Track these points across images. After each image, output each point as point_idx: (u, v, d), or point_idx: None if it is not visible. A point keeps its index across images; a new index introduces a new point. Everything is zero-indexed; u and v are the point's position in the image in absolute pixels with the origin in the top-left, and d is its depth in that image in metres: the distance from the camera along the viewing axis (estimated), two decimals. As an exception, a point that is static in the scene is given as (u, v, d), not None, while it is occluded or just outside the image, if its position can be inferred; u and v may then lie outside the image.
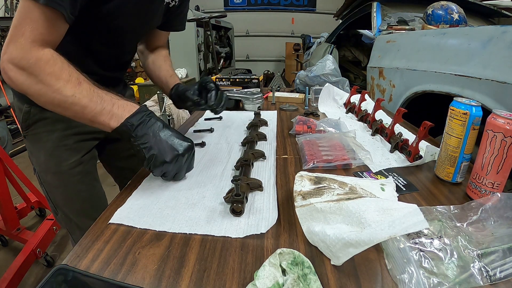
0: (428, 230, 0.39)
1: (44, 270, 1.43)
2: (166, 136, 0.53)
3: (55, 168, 0.71)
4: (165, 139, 0.53)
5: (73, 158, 0.72)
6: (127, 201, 0.51)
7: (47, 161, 0.71)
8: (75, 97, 0.49)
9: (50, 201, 0.76)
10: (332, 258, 0.37)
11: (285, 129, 0.90)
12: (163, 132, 0.54)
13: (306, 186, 0.47)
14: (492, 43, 0.95)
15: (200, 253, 0.39)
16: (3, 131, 2.54)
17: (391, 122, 0.74)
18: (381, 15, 1.97)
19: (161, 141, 0.53)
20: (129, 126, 0.52)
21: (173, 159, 0.53)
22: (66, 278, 0.32)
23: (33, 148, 0.72)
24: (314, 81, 1.35)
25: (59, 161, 0.71)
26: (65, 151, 0.71)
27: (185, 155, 0.54)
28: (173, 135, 0.54)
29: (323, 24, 5.47)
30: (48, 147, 0.70)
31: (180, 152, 0.53)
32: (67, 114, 0.52)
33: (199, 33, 3.99)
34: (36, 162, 0.73)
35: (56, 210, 0.76)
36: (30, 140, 0.72)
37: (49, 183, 0.73)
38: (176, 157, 0.53)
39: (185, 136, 0.56)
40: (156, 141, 0.52)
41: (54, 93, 0.49)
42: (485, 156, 0.48)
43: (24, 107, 0.68)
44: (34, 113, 0.68)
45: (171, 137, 0.54)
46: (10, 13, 3.72)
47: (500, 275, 0.34)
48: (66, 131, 0.71)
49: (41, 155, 0.71)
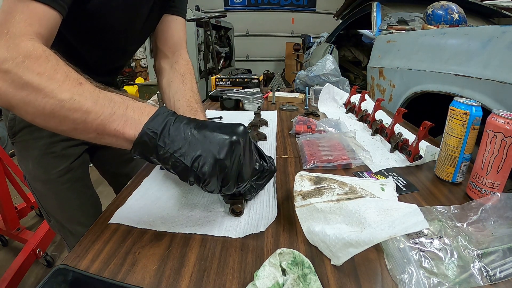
0: (428, 230, 0.39)
1: (44, 270, 1.43)
2: (206, 131, 0.38)
3: (44, 176, 0.68)
4: (207, 134, 0.38)
5: (61, 166, 0.69)
6: (127, 201, 0.51)
7: (35, 169, 0.68)
8: (74, 100, 0.37)
9: (43, 208, 0.74)
10: (332, 258, 0.37)
11: (285, 129, 0.90)
12: (200, 128, 0.39)
13: (306, 186, 0.47)
14: (492, 43, 0.95)
15: (200, 253, 0.39)
16: (3, 131, 2.54)
17: (391, 122, 0.74)
18: (381, 15, 1.97)
19: (202, 138, 0.38)
20: (152, 134, 0.37)
21: (229, 152, 0.37)
22: (66, 278, 0.32)
23: (21, 156, 0.70)
24: (314, 81, 1.35)
25: (47, 169, 0.68)
26: (53, 159, 0.68)
27: (240, 143, 0.38)
28: (215, 126, 0.39)
29: (323, 24, 5.47)
30: (36, 155, 0.67)
31: (234, 139, 0.37)
32: (64, 127, 0.38)
33: (199, 33, 3.99)
34: (25, 170, 0.70)
35: (49, 217, 0.74)
36: (17, 147, 0.69)
37: (39, 191, 0.71)
38: (231, 147, 0.37)
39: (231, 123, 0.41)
40: (195, 140, 0.37)
41: (45, 98, 0.36)
42: (485, 156, 0.48)
43: (10, 113, 0.65)
44: (20, 120, 0.65)
45: (214, 128, 0.39)
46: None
47: (500, 275, 0.34)
48: (52, 137, 0.67)
49: (29, 163, 0.68)
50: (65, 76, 0.38)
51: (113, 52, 0.69)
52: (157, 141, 0.37)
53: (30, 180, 0.71)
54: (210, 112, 1.11)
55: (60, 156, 0.69)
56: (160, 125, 0.38)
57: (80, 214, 0.72)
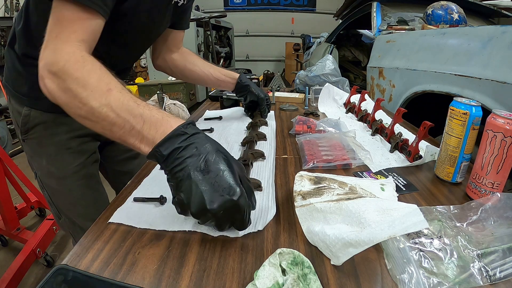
0: (428, 230, 0.39)
1: (44, 270, 1.43)
2: (202, 180, 0.37)
3: (59, 173, 0.69)
4: (199, 184, 0.37)
5: (77, 162, 0.70)
6: (127, 201, 0.51)
7: (49, 165, 0.69)
8: (102, 109, 0.41)
9: (53, 205, 0.74)
10: (332, 258, 0.37)
11: (285, 129, 0.90)
12: (201, 171, 0.38)
13: (306, 186, 0.47)
14: (492, 43, 0.95)
15: (200, 253, 0.39)
16: (3, 131, 2.54)
17: (391, 122, 0.74)
18: (381, 15, 1.97)
19: (191, 185, 0.37)
20: (159, 157, 0.39)
21: (200, 215, 0.38)
22: (66, 278, 0.32)
23: (33, 153, 0.70)
24: (314, 81, 1.35)
25: (63, 165, 0.69)
26: (69, 155, 0.69)
27: (216, 215, 0.37)
28: (211, 180, 0.37)
29: (323, 24, 5.47)
30: (51, 152, 0.68)
31: (207, 210, 0.37)
32: (98, 128, 0.43)
33: (199, 33, 3.99)
34: (38, 167, 0.70)
35: (60, 214, 0.74)
36: (30, 144, 0.69)
37: (52, 188, 0.71)
38: (205, 214, 0.38)
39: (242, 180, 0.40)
40: (188, 183, 0.37)
41: (80, 103, 0.42)
42: (485, 156, 0.48)
43: (24, 110, 0.66)
44: (35, 116, 0.66)
45: (206, 181, 0.37)
46: (10, 13, 3.72)
47: (500, 275, 0.34)
48: (69, 133, 0.68)
49: (42, 160, 0.69)
50: (98, 81, 0.42)
51: (130, 53, 0.72)
52: (162, 163, 0.40)
53: (42, 177, 0.71)
54: (210, 112, 1.11)
55: (76, 152, 0.71)
56: (169, 150, 0.39)
57: (93, 211, 0.73)
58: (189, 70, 0.89)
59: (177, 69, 0.89)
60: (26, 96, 0.65)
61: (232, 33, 5.61)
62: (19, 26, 0.60)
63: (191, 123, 0.42)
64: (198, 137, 0.40)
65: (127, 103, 0.41)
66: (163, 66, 0.89)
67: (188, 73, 0.90)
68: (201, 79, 0.92)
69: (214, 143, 0.41)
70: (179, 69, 0.89)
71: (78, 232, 0.74)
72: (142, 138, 0.41)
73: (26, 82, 0.64)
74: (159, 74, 3.97)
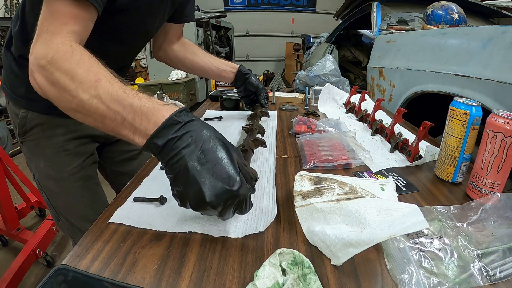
0: (428, 230, 0.39)
1: (44, 270, 1.43)
2: (200, 172, 0.35)
3: (56, 175, 0.69)
4: (197, 176, 0.35)
5: (74, 163, 0.70)
6: (127, 201, 0.51)
7: (47, 167, 0.68)
8: (92, 101, 0.39)
9: (52, 207, 0.74)
10: (332, 258, 0.37)
11: (285, 129, 0.90)
12: (198, 161, 0.36)
13: (306, 186, 0.47)
14: (492, 43, 0.95)
15: (200, 253, 0.39)
16: (3, 131, 2.54)
17: (391, 122, 0.74)
18: (381, 15, 1.97)
19: (189, 177, 0.35)
20: (154, 149, 0.38)
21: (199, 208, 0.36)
22: (66, 278, 0.32)
23: (31, 155, 0.69)
24: (314, 81, 1.35)
25: (60, 167, 0.68)
26: (66, 157, 0.69)
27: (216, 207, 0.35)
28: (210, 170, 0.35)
29: (323, 24, 5.47)
30: (48, 153, 0.68)
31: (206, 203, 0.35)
32: (90, 121, 0.42)
33: (199, 33, 3.99)
34: (36, 169, 0.70)
35: (58, 216, 0.74)
36: (28, 146, 0.69)
37: (50, 189, 0.71)
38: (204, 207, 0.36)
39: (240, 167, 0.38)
40: (185, 175, 0.36)
41: (69, 96, 0.40)
42: (485, 156, 0.48)
43: (21, 112, 0.65)
44: (32, 118, 0.65)
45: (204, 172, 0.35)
46: (10, 13, 3.72)
47: (500, 275, 0.34)
48: (66, 135, 0.68)
49: (40, 161, 0.68)
50: (86, 71, 0.40)
51: (128, 50, 0.71)
52: (157, 154, 0.39)
53: (40, 179, 0.71)
54: (210, 112, 1.11)
55: (74, 154, 0.70)
56: (164, 140, 0.37)
57: (92, 212, 0.73)
58: (190, 60, 0.89)
59: (177, 59, 0.89)
60: (23, 98, 0.65)
61: (232, 33, 5.62)
62: (16, 28, 0.60)
63: (184, 109, 0.40)
64: (193, 125, 0.38)
65: (116, 93, 0.39)
66: (164, 57, 0.89)
67: (189, 63, 0.90)
68: (201, 69, 0.91)
69: (211, 129, 0.39)
70: (179, 59, 0.89)
71: (77, 234, 0.74)
72: (135, 130, 0.39)
73: (23, 84, 0.63)
74: (159, 74, 3.98)
